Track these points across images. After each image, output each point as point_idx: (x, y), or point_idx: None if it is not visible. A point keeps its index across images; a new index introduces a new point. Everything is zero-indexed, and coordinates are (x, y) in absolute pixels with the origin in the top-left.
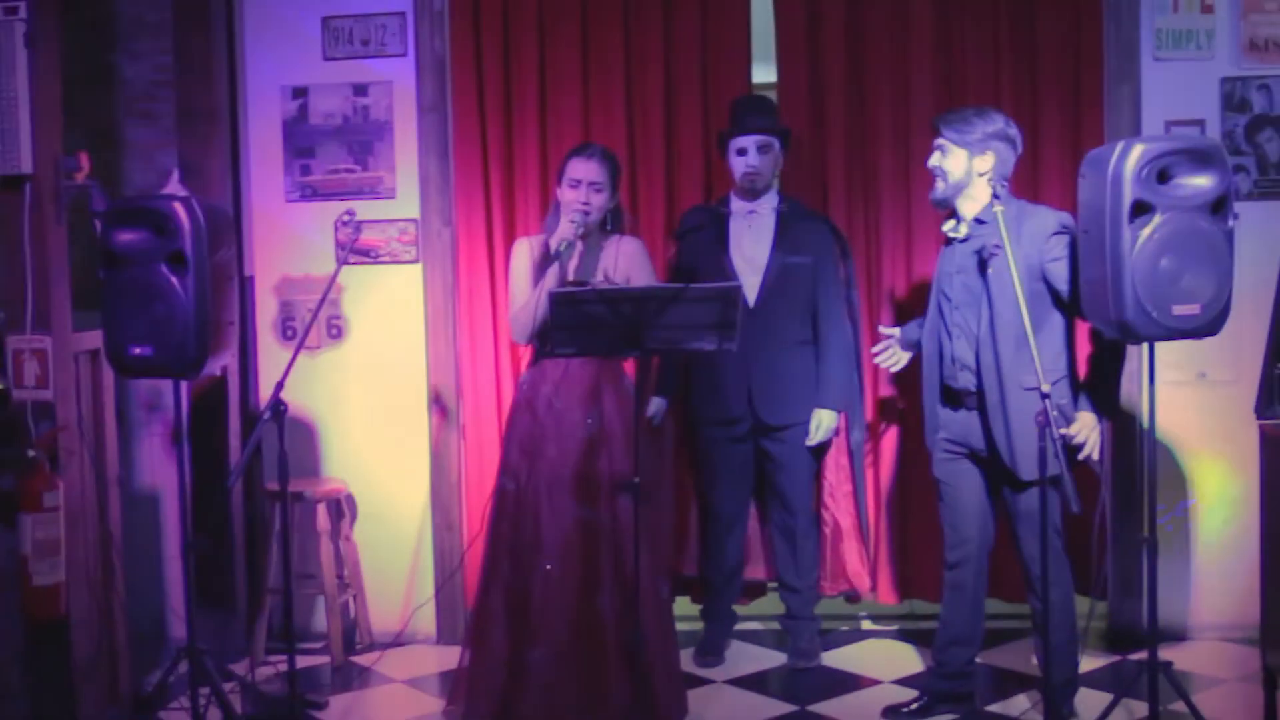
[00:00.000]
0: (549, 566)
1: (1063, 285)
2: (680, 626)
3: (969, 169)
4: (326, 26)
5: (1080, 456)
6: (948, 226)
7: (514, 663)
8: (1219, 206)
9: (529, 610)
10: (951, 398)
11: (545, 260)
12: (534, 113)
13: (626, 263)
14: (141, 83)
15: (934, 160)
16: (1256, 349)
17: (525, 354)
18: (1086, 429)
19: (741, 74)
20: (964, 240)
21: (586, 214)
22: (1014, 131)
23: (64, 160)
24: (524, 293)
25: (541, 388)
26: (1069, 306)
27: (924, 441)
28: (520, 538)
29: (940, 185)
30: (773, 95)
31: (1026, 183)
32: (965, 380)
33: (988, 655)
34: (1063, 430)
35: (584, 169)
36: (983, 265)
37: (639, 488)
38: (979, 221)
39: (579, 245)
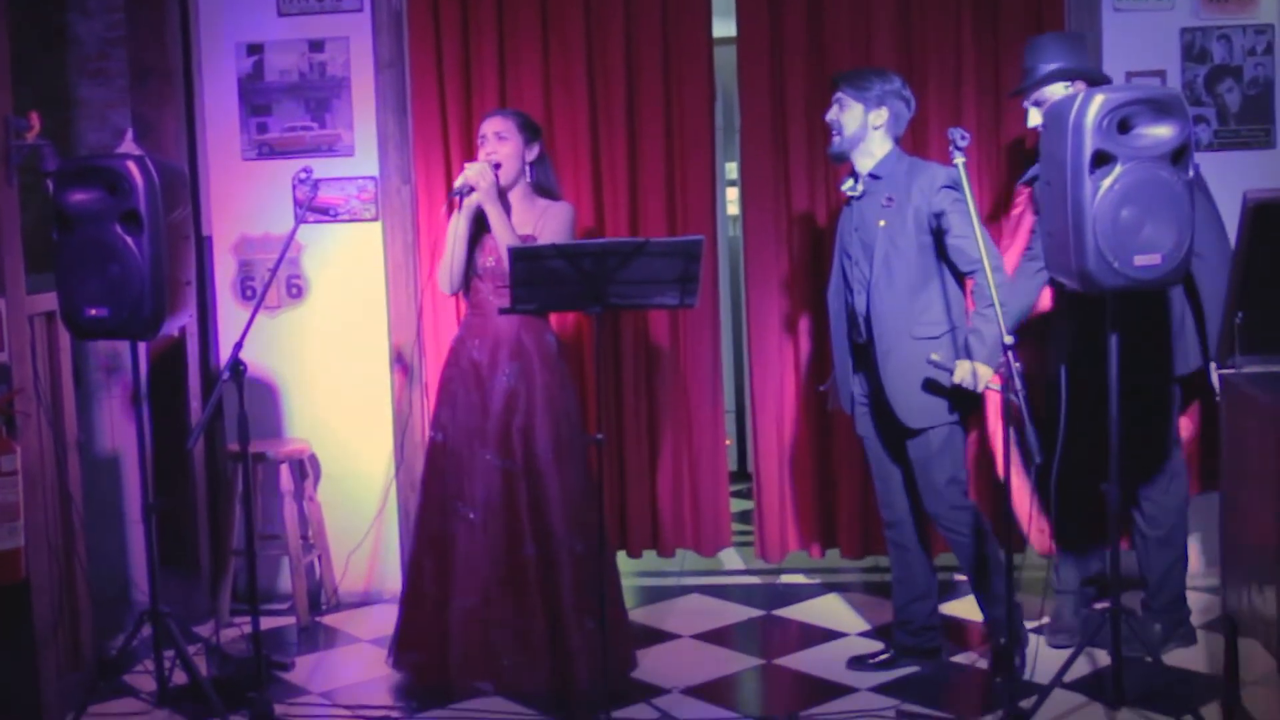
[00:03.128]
0: (469, 513)
1: (948, 239)
2: (642, 582)
3: (865, 123)
4: None
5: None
6: (846, 186)
7: (443, 612)
8: (1179, 157)
9: (453, 559)
10: (860, 354)
11: (476, 218)
12: (493, 67)
13: (546, 223)
14: (93, 41)
15: (831, 114)
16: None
17: None
18: (963, 373)
19: (702, 27)
20: (860, 198)
21: (496, 165)
22: (909, 93)
23: (14, 120)
24: (448, 245)
25: (467, 342)
26: (952, 260)
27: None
28: (446, 488)
29: (837, 139)
30: (733, 49)
31: (990, 134)
32: (864, 333)
33: (948, 606)
34: (955, 379)
35: (487, 125)
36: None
37: (601, 444)
38: (873, 177)
39: (483, 190)
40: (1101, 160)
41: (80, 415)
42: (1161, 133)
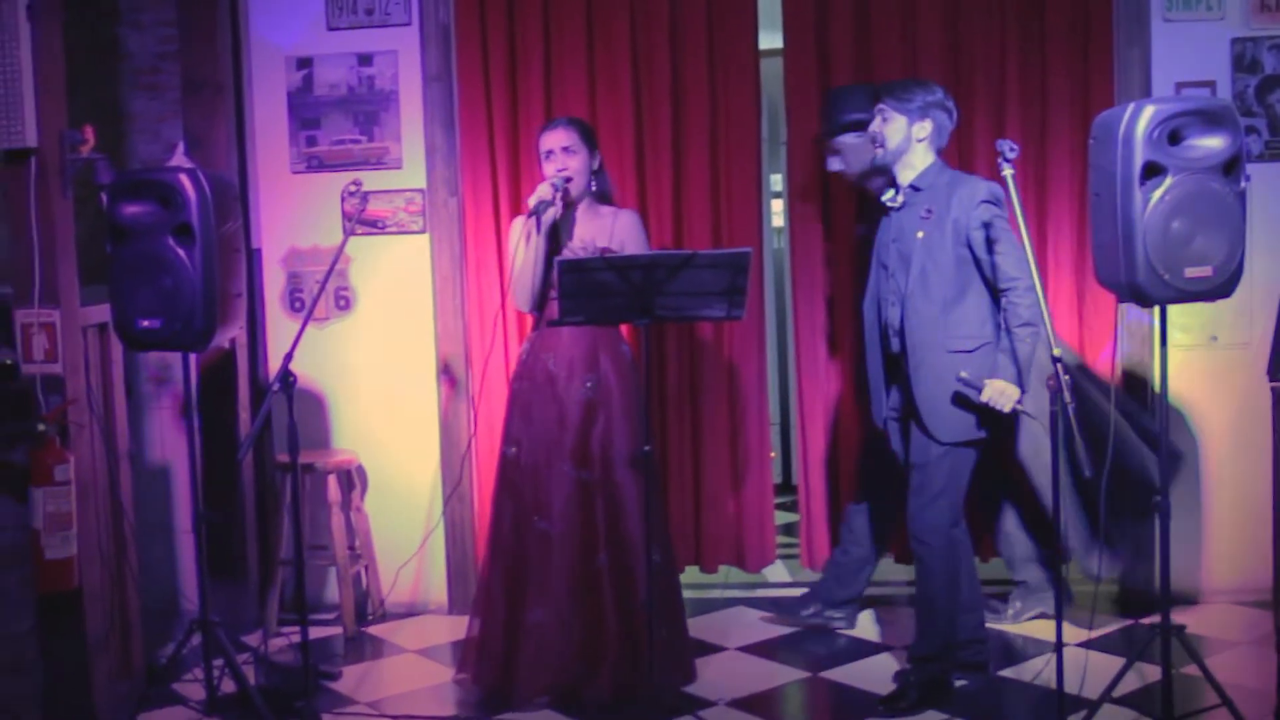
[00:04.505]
0: (545, 526)
1: (983, 253)
2: (686, 594)
3: (908, 135)
4: None
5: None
6: (887, 197)
7: (514, 626)
8: (1231, 168)
9: (528, 572)
10: (893, 368)
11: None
12: (539, 80)
13: (622, 234)
14: (145, 55)
15: (874, 126)
16: (1268, 312)
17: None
18: (993, 392)
19: (748, 40)
20: (900, 209)
21: (568, 179)
22: (951, 103)
23: (69, 133)
24: (516, 263)
25: (540, 355)
26: (988, 276)
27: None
28: (521, 502)
29: (880, 151)
30: (779, 61)
31: (1035, 145)
32: (897, 345)
33: (995, 619)
34: (983, 398)
35: (551, 138)
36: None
37: (649, 456)
38: (914, 189)
39: (558, 206)
40: (1152, 172)
41: (131, 426)
42: (1213, 144)
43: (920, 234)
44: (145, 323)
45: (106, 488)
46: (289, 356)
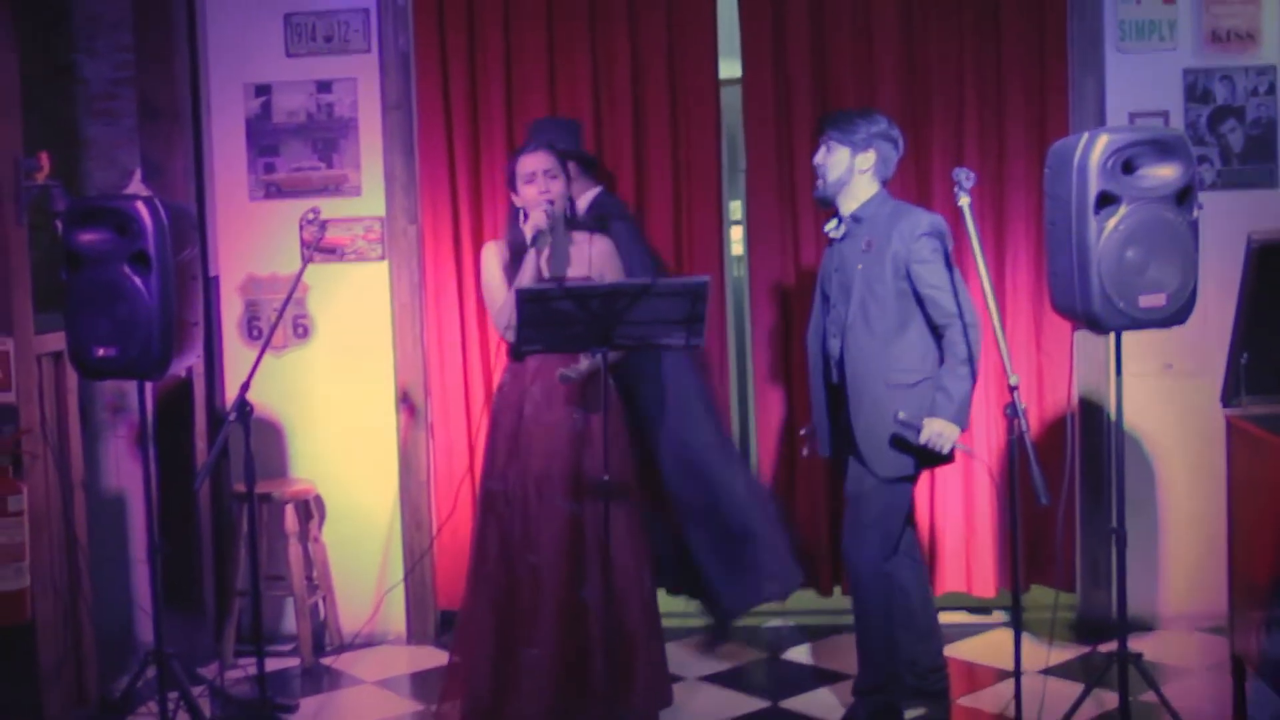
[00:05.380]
0: (535, 560)
1: (923, 288)
2: (665, 623)
3: (850, 166)
4: (289, 23)
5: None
6: (829, 227)
7: (503, 660)
8: (1183, 197)
9: (518, 607)
10: (835, 399)
11: (516, 258)
12: (500, 109)
13: (601, 261)
14: (101, 81)
15: (818, 158)
16: (1222, 339)
17: (496, 351)
18: (931, 433)
19: (708, 71)
20: (842, 239)
21: (552, 202)
22: (896, 133)
23: (24, 160)
24: (502, 293)
25: (527, 387)
26: (927, 311)
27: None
28: (509, 536)
29: (820, 183)
30: (738, 90)
31: (992, 173)
32: (838, 376)
33: (953, 647)
34: (922, 439)
35: (534, 161)
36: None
37: (617, 484)
38: (855, 219)
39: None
40: (1106, 201)
41: (86, 455)
42: (1165, 173)
43: (860, 266)
44: (101, 351)
45: (60, 518)
46: (246, 385)
